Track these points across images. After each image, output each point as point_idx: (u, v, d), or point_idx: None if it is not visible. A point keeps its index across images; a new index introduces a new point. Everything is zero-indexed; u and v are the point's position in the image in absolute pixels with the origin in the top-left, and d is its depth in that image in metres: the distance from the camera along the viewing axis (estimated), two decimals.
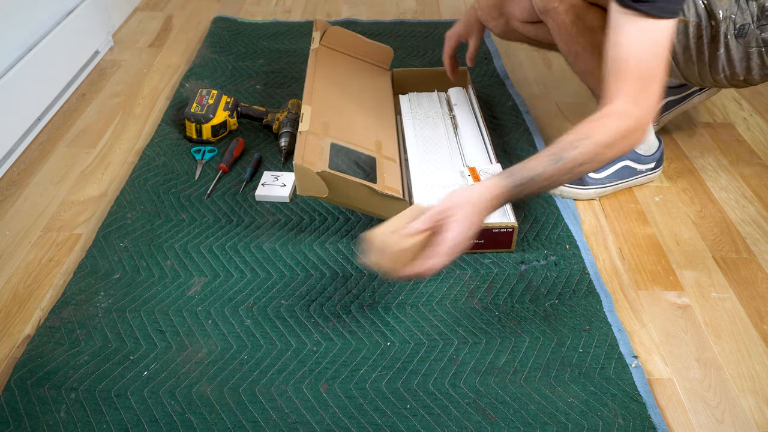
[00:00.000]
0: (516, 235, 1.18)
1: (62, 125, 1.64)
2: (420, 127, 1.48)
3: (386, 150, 1.33)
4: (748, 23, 1.15)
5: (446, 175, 1.32)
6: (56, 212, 1.34)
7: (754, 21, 1.15)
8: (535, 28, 1.41)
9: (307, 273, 1.17)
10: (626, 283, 1.17)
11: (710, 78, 1.25)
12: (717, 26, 1.16)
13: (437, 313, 1.09)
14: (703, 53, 1.20)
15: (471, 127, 1.46)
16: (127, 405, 0.93)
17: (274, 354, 1.02)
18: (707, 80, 1.26)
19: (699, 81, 1.28)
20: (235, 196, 1.35)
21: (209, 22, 2.18)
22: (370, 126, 1.40)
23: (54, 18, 1.75)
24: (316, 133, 1.24)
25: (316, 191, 1.15)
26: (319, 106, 1.33)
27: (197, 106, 1.52)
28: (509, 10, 1.38)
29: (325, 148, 1.21)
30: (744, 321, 1.09)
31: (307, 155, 1.16)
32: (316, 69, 1.45)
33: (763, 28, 1.15)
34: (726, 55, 1.19)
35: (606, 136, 0.95)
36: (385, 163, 1.28)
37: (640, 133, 0.98)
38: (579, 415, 0.92)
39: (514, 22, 1.40)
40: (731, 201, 1.36)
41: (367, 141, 1.32)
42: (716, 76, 1.23)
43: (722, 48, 1.18)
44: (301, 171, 1.13)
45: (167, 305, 1.10)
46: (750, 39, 1.16)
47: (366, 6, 2.31)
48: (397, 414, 0.93)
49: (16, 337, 1.06)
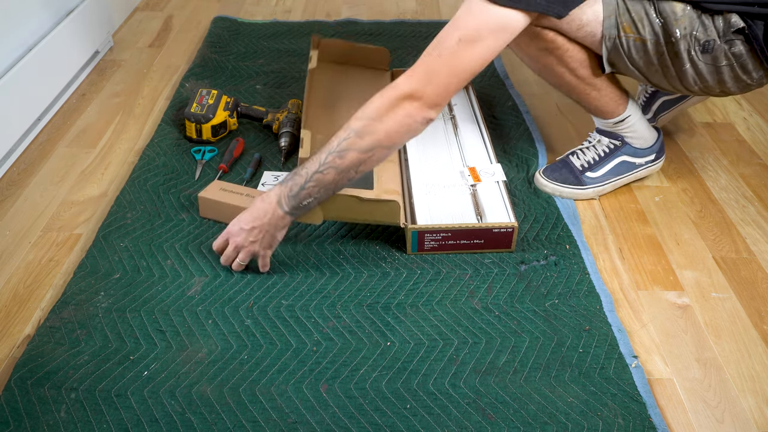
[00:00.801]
0: (516, 235, 1.18)
1: (62, 125, 1.64)
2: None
3: None
4: (713, 39, 1.12)
5: (446, 175, 1.32)
6: (56, 212, 1.34)
7: (720, 36, 1.12)
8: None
9: (307, 273, 1.17)
10: (626, 283, 1.17)
11: (684, 89, 1.22)
12: (677, 44, 1.13)
13: (437, 313, 1.09)
14: (668, 68, 1.17)
15: (471, 128, 1.46)
16: (127, 405, 0.93)
17: (274, 354, 1.02)
18: (682, 90, 1.24)
19: (675, 91, 1.26)
20: None
21: (209, 22, 2.18)
22: None
23: (54, 18, 1.75)
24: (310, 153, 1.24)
25: (311, 218, 1.15)
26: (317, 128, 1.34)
27: (197, 106, 1.52)
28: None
29: None
30: (744, 321, 1.09)
31: None
32: (311, 91, 1.46)
33: (731, 43, 1.12)
34: (693, 70, 1.16)
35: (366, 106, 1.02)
36: (383, 165, 1.28)
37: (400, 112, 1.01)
38: (579, 415, 0.92)
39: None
40: (731, 201, 1.36)
41: None
42: (690, 87, 1.20)
43: (688, 64, 1.15)
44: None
45: (167, 305, 1.10)
46: (718, 54, 1.13)
47: (366, 6, 2.31)
48: (397, 414, 0.93)
49: (16, 337, 1.06)
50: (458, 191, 1.28)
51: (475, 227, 1.17)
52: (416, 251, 1.20)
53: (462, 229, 1.17)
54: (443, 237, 1.18)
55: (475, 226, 1.17)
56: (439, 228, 1.17)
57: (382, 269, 1.17)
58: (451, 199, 1.26)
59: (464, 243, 1.19)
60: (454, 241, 1.18)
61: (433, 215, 1.21)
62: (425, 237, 1.18)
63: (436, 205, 1.24)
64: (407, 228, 1.17)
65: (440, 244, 1.19)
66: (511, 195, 1.33)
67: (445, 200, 1.25)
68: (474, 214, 1.22)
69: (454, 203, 1.25)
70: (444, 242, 1.18)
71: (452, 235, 1.18)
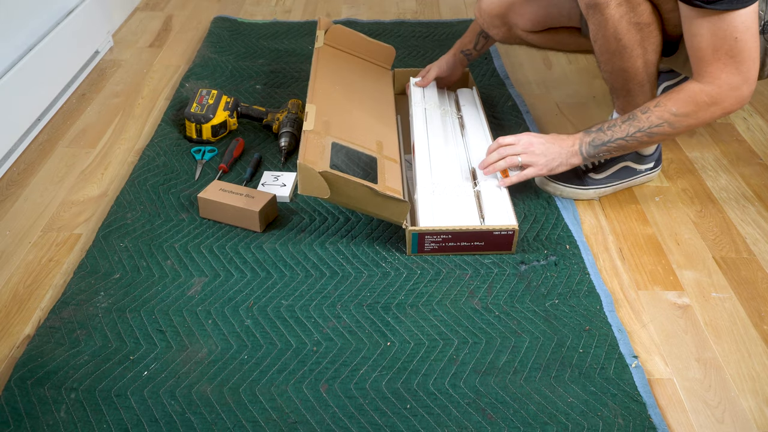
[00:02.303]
0: (516, 237, 1.18)
1: (62, 125, 1.64)
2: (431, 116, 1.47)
3: (387, 150, 1.33)
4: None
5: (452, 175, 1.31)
6: (56, 212, 1.34)
7: None
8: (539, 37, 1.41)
9: (307, 273, 1.17)
10: (626, 283, 1.17)
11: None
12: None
13: (437, 313, 1.09)
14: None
15: (477, 129, 1.46)
16: (127, 405, 0.93)
17: (274, 354, 1.02)
18: None
19: None
20: None
21: (209, 22, 2.18)
22: (372, 126, 1.39)
23: (54, 18, 1.75)
24: (317, 132, 1.24)
25: (318, 191, 1.15)
26: (322, 105, 1.33)
27: (197, 106, 1.52)
28: (513, 20, 1.38)
29: (326, 148, 1.22)
30: (744, 321, 1.09)
31: (308, 155, 1.16)
32: (318, 68, 1.45)
33: None
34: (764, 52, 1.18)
35: (677, 104, 1.14)
36: (386, 164, 1.28)
37: (716, 108, 1.13)
38: (579, 415, 0.92)
39: (518, 31, 1.40)
40: (731, 201, 1.36)
41: (368, 141, 1.32)
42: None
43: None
44: (305, 171, 1.13)
45: (167, 305, 1.10)
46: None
47: (366, 6, 2.31)
48: (397, 414, 0.93)
49: (16, 337, 1.06)
50: (463, 192, 1.27)
51: (475, 229, 1.17)
52: (416, 252, 1.20)
53: (462, 231, 1.17)
54: (443, 239, 1.18)
55: (476, 228, 1.17)
56: (439, 230, 1.17)
57: (382, 269, 1.17)
58: (455, 200, 1.25)
59: (464, 245, 1.19)
60: (455, 243, 1.18)
61: (436, 216, 1.21)
62: (425, 239, 1.18)
63: (440, 206, 1.23)
64: (407, 229, 1.17)
65: (440, 245, 1.18)
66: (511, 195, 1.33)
67: (448, 201, 1.25)
68: (477, 216, 1.21)
69: (457, 204, 1.24)
70: (444, 244, 1.18)
71: (453, 237, 1.17)
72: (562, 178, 1.34)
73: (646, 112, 1.17)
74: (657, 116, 1.17)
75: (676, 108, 1.15)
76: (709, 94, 1.12)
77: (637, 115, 1.18)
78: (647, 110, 1.17)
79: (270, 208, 1.27)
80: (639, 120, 1.18)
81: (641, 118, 1.18)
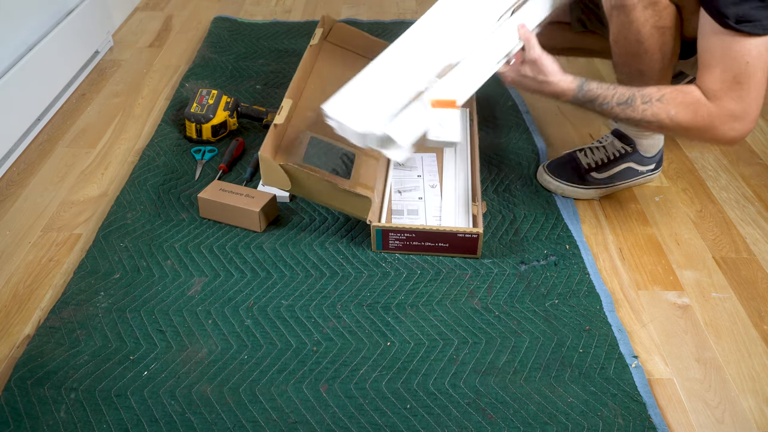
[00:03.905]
0: (481, 241, 1.18)
1: (62, 125, 1.64)
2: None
3: None
4: None
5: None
6: (56, 212, 1.34)
7: None
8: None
9: (307, 273, 1.17)
10: (626, 283, 1.17)
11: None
12: None
13: (437, 313, 1.09)
14: None
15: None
16: (127, 405, 0.93)
17: (274, 354, 1.02)
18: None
19: None
20: None
21: (209, 22, 2.18)
22: None
23: (54, 18, 1.75)
24: (295, 126, 1.25)
25: (280, 183, 1.18)
26: (308, 100, 1.34)
27: (197, 106, 1.52)
28: None
29: (303, 142, 1.24)
30: (744, 321, 1.09)
31: (271, 147, 1.18)
32: (315, 64, 1.45)
33: None
34: None
35: (679, 108, 1.08)
36: (364, 159, 1.28)
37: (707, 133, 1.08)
38: (579, 415, 0.92)
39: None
40: (731, 201, 1.36)
41: None
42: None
43: None
44: (265, 162, 1.16)
45: (167, 305, 1.10)
46: None
47: (366, 6, 2.31)
48: (397, 414, 0.93)
49: (16, 337, 1.06)
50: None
51: (438, 230, 1.17)
52: (381, 249, 1.20)
53: (426, 231, 1.17)
54: (407, 237, 1.18)
55: (439, 229, 1.17)
56: (403, 228, 1.17)
57: (381, 269, 1.17)
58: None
59: (429, 245, 1.19)
60: (419, 243, 1.19)
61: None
62: (389, 236, 1.18)
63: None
64: (372, 225, 1.18)
65: (404, 243, 1.19)
66: (510, 194, 1.33)
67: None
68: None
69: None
70: (408, 242, 1.19)
71: (416, 236, 1.18)
72: (564, 177, 1.34)
73: (646, 102, 1.11)
74: (652, 113, 1.11)
75: (676, 112, 1.10)
76: (709, 113, 1.08)
77: (635, 102, 1.11)
78: (648, 101, 1.10)
79: (270, 208, 1.27)
80: (635, 110, 1.12)
81: (637, 109, 1.12)
